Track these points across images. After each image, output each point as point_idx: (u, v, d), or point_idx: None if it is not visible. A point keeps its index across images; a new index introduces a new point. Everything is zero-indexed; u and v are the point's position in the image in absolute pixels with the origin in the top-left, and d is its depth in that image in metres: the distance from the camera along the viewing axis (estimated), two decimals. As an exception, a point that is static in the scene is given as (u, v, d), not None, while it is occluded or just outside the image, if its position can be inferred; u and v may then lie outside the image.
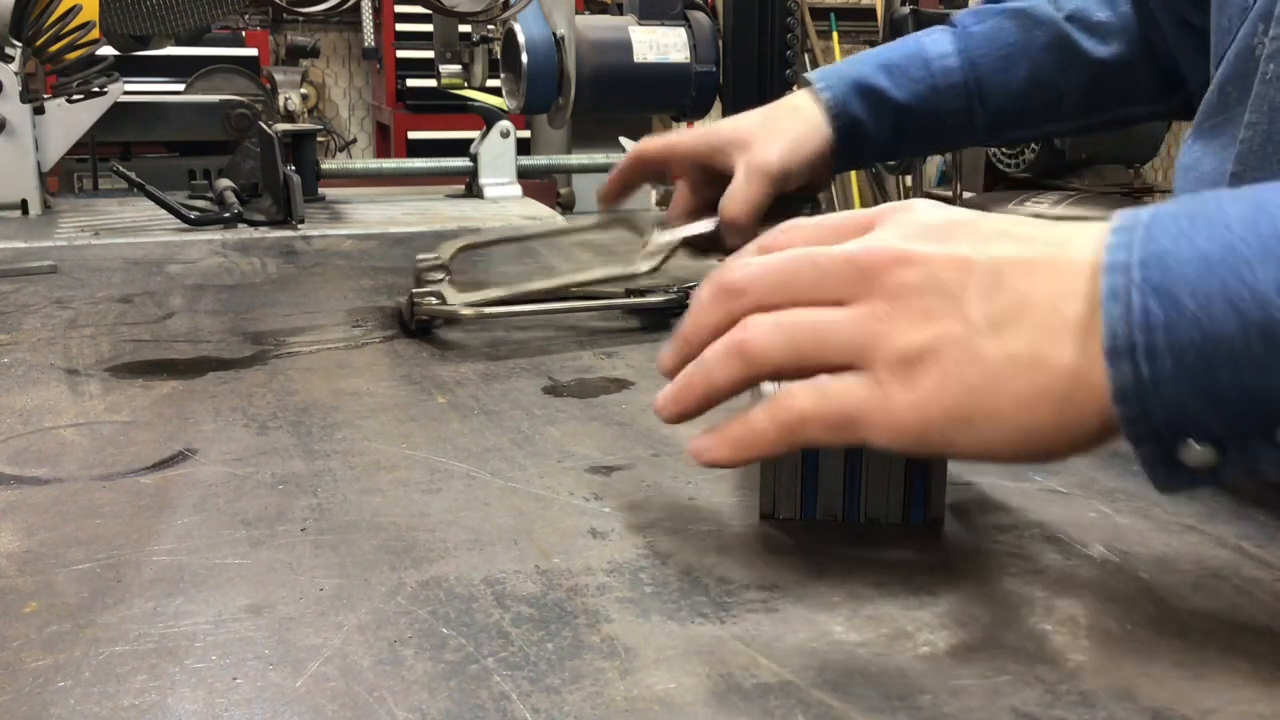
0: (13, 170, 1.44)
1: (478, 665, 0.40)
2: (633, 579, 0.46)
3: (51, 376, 0.76)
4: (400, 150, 4.51)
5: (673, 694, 0.38)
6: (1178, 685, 0.39)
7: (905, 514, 0.51)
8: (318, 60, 5.12)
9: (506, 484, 0.57)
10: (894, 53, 0.89)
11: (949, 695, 0.38)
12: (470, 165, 1.68)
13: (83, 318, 0.92)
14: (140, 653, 0.40)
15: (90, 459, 0.60)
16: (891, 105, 0.87)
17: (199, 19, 1.51)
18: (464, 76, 1.79)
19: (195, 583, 0.46)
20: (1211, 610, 0.44)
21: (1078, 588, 0.46)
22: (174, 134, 1.84)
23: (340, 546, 0.49)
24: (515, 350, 0.83)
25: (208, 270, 1.14)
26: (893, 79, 0.87)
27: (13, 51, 1.45)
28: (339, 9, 1.62)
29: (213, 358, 0.80)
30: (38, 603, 0.44)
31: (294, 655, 0.40)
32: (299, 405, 0.69)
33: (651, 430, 0.65)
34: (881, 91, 0.87)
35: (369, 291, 1.04)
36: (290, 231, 1.37)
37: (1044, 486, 0.56)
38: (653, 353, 0.82)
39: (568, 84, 1.62)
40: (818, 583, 0.46)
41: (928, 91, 0.87)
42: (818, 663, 0.40)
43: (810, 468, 0.51)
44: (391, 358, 0.81)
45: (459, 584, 0.46)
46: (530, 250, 1.26)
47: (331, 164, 1.73)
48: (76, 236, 1.32)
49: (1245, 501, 0.54)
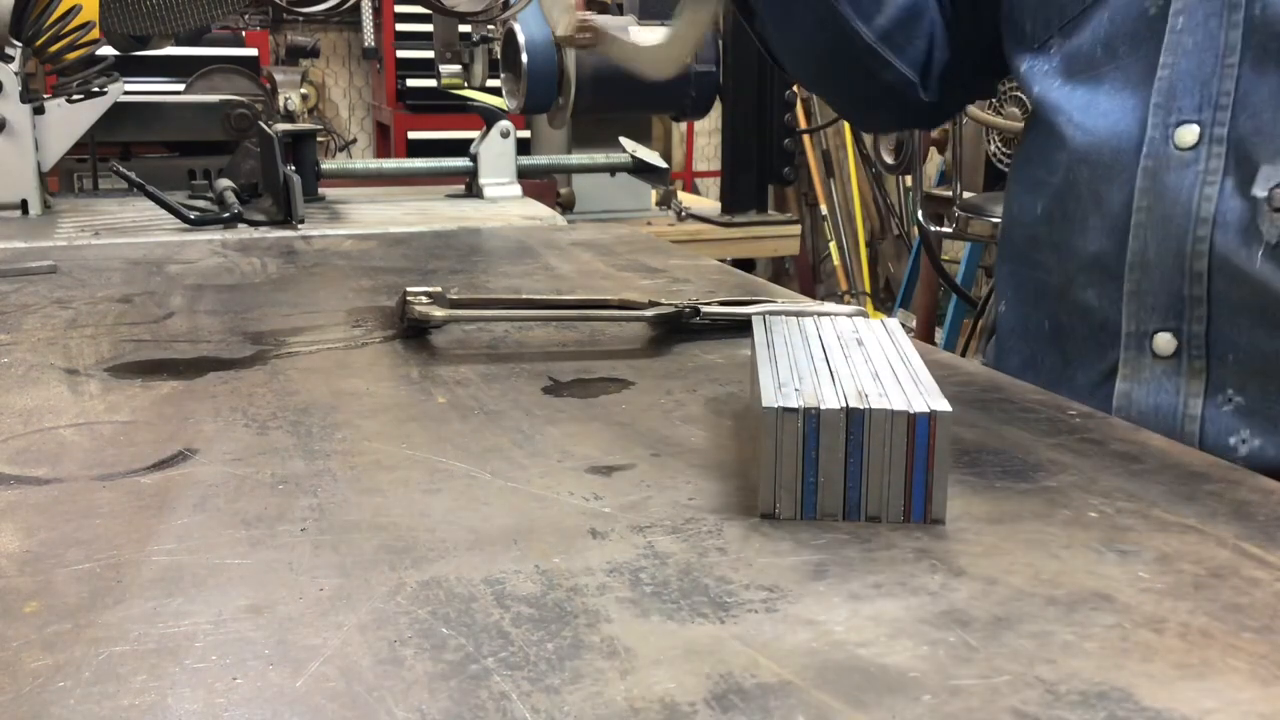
0: (13, 170, 1.44)
1: (478, 665, 0.40)
2: (633, 579, 0.46)
3: (51, 376, 0.76)
4: (400, 150, 4.52)
5: (673, 694, 0.38)
6: (1178, 685, 0.39)
7: (905, 513, 0.51)
8: (318, 60, 5.12)
9: (506, 484, 0.57)
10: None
11: (949, 695, 0.38)
12: (470, 165, 1.68)
13: (83, 318, 0.92)
14: (140, 653, 0.40)
15: (90, 459, 0.60)
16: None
17: (199, 19, 1.51)
18: (464, 76, 1.79)
19: (195, 583, 0.46)
20: (1211, 610, 0.44)
21: (1077, 587, 0.46)
22: (174, 134, 1.84)
23: (340, 546, 0.49)
24: (515, 350, 0.83)
25: (208, 270, 1.14)
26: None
27: (13, 51, 1.45)
28: (339, 9, 1.62)
29: (213, 358, 0.80)
30: (38, 603, 0.44)
31: (294, 655, 0.40)
32: (299, 405, 0.69)
33: (651, 430, 0.65)
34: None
35: (369, 291, 1.04)
36: (290, 231, 1.37)
37: (1044, 485, 0.56)
38: (654, 354, 0.82)
39: (568, 84, 1.62)
40: (818, 583, 0.46)
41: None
42: (818, 663, 0.40)
43: (810, 467, 0.51)
44: (391, 358, 0.81)
45: (459, 584, 0.46)
46: (530, 251, 1.26)
47: (331, 164, 1.73)
48: (76, 236, 1.32)
49: (1245, 501, 0.54)
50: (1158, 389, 0.76)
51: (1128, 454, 0.61)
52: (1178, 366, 0.75)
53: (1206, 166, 0.73)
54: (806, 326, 0.66)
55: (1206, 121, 0.73)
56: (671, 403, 0.70)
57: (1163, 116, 0.75)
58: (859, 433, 0.51)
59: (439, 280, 1.09)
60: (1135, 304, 0.76)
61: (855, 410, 0.51)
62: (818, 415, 0.51)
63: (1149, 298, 0.75)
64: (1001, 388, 0.74)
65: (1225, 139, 0.72)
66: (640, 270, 1.14)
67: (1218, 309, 0.73)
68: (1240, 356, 0.73)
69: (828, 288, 4.64)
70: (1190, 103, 0.74)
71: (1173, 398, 0.75)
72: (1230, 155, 0.72)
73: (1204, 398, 0.74)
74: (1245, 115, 0.71)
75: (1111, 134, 0.78)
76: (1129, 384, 0.78)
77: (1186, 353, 0.75)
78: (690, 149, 5.04)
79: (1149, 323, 0.76)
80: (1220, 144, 0.72)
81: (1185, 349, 0.75)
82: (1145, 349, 0.76)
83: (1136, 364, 0.77)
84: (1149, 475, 0.58)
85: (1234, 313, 0.72)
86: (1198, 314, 0.73)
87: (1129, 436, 0.64)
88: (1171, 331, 0.75)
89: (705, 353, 0.82)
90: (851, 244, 4.38)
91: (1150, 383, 0.77)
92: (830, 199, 4.39)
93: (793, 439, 0.51)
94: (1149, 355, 0.76)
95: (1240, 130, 0.71)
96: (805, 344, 0.62)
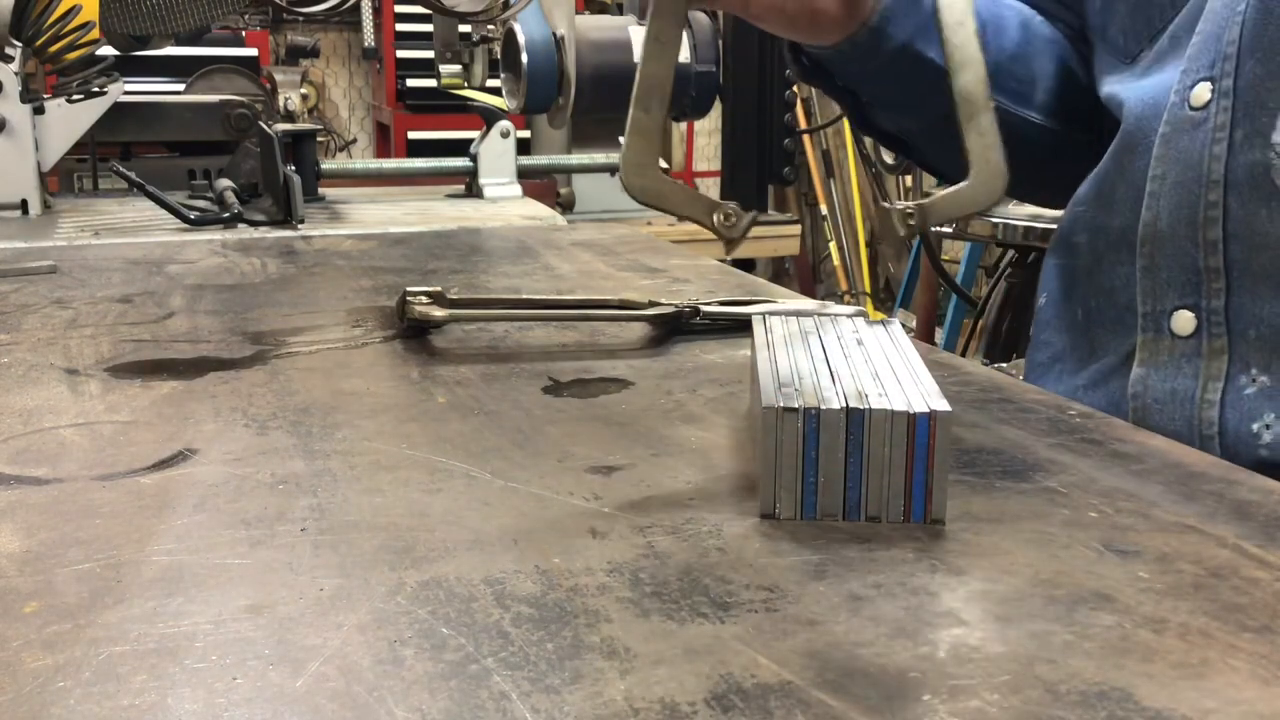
0: (13, 170, 1.44)
1: (478, 665, 0.40)
2: (633, 579, 0.46)
3: (51, 376, 0.76)
4: (400, 150, 4.51)
5: (673, 694, 0.38)
6: (1178, 685, 0.39)
7: (906, 513, 0.51)
8: (318, 60, 5.12)
9: (506, 484, 0.57)
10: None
11: (949, 695, 0.38)
12: (470, 165, 1.68)
13: (83, 318, 0.92)
14: (140, 653, 0.40)
15: (90, 459, 0.60)
16: (924, 14, 0.77)
17: (199, 19, 1.50)
18: (464, 76, 1.79)
19: (195, 583, 0.46)
20: (1211, 610, 0.44)
21: (1077, 587, 0.46)
22: (174, 134, 1.84)
23: (340, 546, 0.49)
24: (515, 350, 0.83)
25: (208, 270, 1.14)
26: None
27: (13, 51, 1.45)
28: (339, 9, 1.62)
29: (213, 358, 0.80)
30: (38, 603, 0.44)
31: (294, 655, 0.40)
32: (299, 405, 0.69)
33: (651, 430, 0.65)
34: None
35: (369, 291, 1.04)
36: (290, 231, 1.37)
37: (1044, 486, 0.56)
38: (654, 354, 0.82)
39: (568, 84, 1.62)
40: (818, 583, 0.46)
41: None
42: (818, 663, 0.40)
43: (810, 467, 0.51)
44: (391, 358, 0.81)
45: (459, 584, 0.46)
46: (530, 251, 1.26)
47: (331, 164, 1.73)
48: (76, 236, 1.32)
49: (1245, 501, 0.54)
50: (1175, 372, 0.72)
51: (1128, 454, 0.61)
52: (1198, 347, 0.70)
53: (1215, 123, 0.69)
54: (806, 326, 0.66)
55: (1217, 76, 0.69)
56: (671, 403, 0.70)
57: (1183, 80, 0.71)
58: (859, 433, 0.51)
59: (439, 280, 1.09)
60: (1149, 280, 0.72)
61: (855, 410, 0.51)
62: (818, 415, 0.51)
63: (1163, 273, 0.71)
64: (1001, 388, 0.74)
65: (1232, 90, 0.68)
66: (640, 270, 1.14)
67: (1237, 280, 0.68)
68: (1264, 331, 0.68)
69: (828, 288, 4.64)
70: (1205, 60, 0.70)
71: (1190, 382, 0.71)
72: (1238, 106, 0.67)
73: (1225, 380, 0.69)
74: (1253, 61, 0.67)
75: (1145, 106, 0.75)
76: (1145, 369, 0.73)
77: (1206, 331, 0.70)
78: (690, 149, 5.04)
79: (1166, 300, 0.72)
80: (1227, 96, 0.68)
81: (1205, 327, 0.70)
82: (1164, 330, 0.72)
83: (1154, 347, 0.73)
84: (1149, 475, 0.58)
85: (1255, 282, 0.68)
86: (1215, 287, 0.69)
87: (1129, 436, 0.64)
88: (1190, 308, 0.70)
89: (705, 353, 0.82)
90: (851, 244, 4.38)
91: (1168, 366, 0.72)
92: (830, 199, 4.39)
93: (793, 439, 0.51)
94: (1168, 336, 0.72)
95: (1246, 78, 0.67)
96: (805, 344, 0.62)
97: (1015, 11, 0.89)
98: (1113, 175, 0.78)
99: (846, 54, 0.80)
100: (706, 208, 0.62)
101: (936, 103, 0.67)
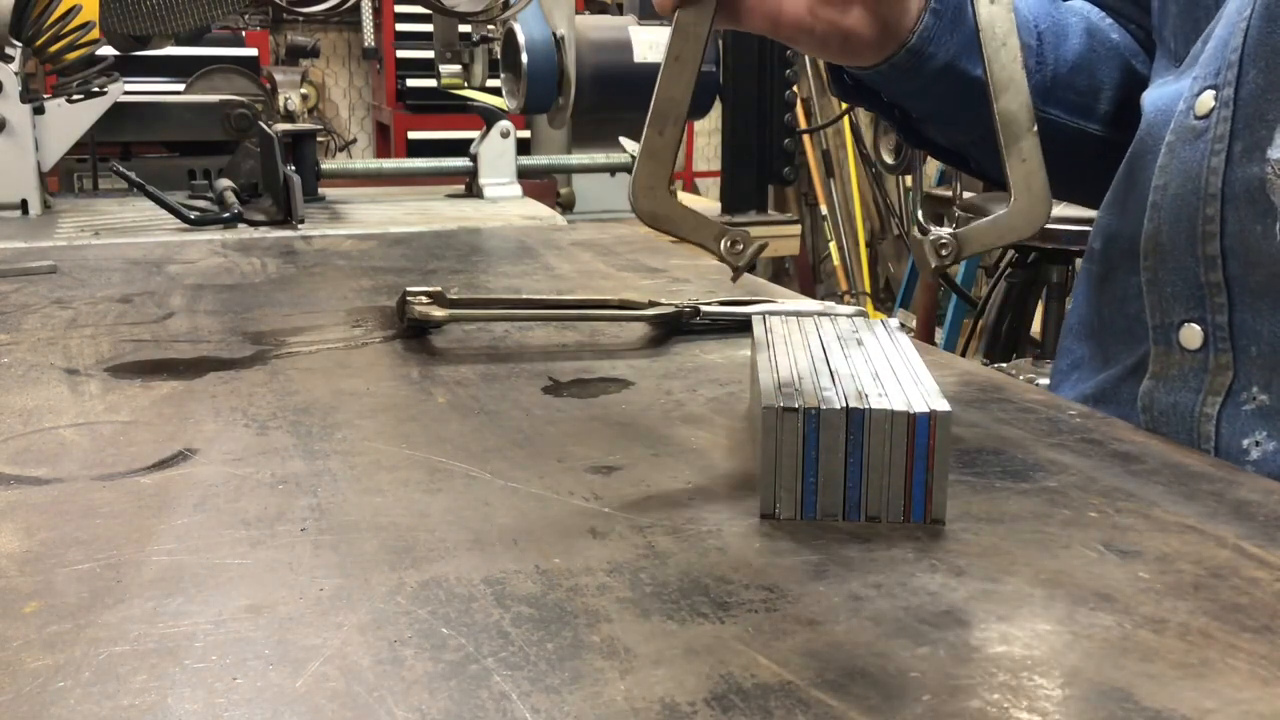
0: (13, 170, 1.44)
1: (478, 665, 0.40)
2: (633, 579, 0.46)
3: (51, 376, 0.76)
4: (400, 150, 4.52)
5: (673, 694, 0.38)
6: (1178, 685, 0.39)
7: (906, 513, 0.51)
8: (318, 60, 5.12)
9: (506, 484, 0.57)
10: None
11: (949, 695, 0.38)
12: (470, 165, 1.68)
13: (83, 318, 0.92)
14: (140, 653, 0.40)
15: (90, 459, 0.60)
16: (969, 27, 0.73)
17: (199, 19, 1.51)
18: (464, 76, 1.79)
19: (195, 583, 0.46)
20: (1211, 610, 0.44)
21: (1077, 588, 0.46)
22: (174, 134, 1.84)
23: (340, 546, 0.49)
24: (515, 350, 0.83)
25: (208, 270, 1.14)
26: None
27: (13, 51, 1.45)
28: (339, 9, 1.62)
29: (213, 358, 0.80)
30: (38, 603, 0.44)
31: (294, 655, 0.40)
32: (299, 405, 0.69)
33: (651, 430, 0.65)
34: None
35: (369, 291, 1.04)
36: (290, 231, 1.37)
37: (1043, 486, 0.56)
38: (654, 354, 0.82)
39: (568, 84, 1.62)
40: (817, 583, 0.46)
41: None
42: (817, 663, 0.40)
43: (810, 467, 0.51)
44: (391, 358, 0.81)
45: (459, 584, 0.46)
46: (530, 251, 1.26)
47: (331, 164, 1.73)
48: (76, 236, 1.32)
49: (1245, 501, 0.54)
50: (1180, 386, 0.71)
51: (1128, 454, 0.61)
52: (1205, 362, 0.69)
53: (1215, 133, 0.67)
54: (806, 326, 0.66)
55: (1220, 84, 0.67)
56: (671, 403, 0.70)
57: (1192, 88, 0.69)
58: (859, 433, 0.51)
59: (439, 280, 1.09)
60: (1155, 293, 0.71)
61: (855, 410, 0.51)
62: (818, 415, 0.51)
63: (1166, 286, 0.70)
64: (1001, 388, 0.74)
65: (1233, 100, 0.66)
66: (640, 270, 1.14)
67: (1238, 295, 0.67)
68: (1264, 349, 0.66)
69: (828, 288, 4.64)
70: (1212, 68, 0.68)
71: (1192, 396, 0.70)
72: (1238, 118, 0.66)
73: (1226, 396, 0.68)
74: (1255, 70, 0.65)
75: (1158, 113, 0.73)
76: (1154, 381, 0.73)
77: (1213, 346, 0.69)
78: (690, 149, 5.04)
79: (1173, 314, 0.71)
80: (1228, 106, 0.66)
81: (1211, 341, 0.69)
82: (1173, 343, 0.71)
83: (1165, 360, 0.72)
84: (1149, 475, 0.58)
85: (1254, 298, 0.66)
86: (1219, 302, 0.67)
87: (1129, 436, 0.64)
88: (1197, 322, 0.69)
89: (705, 353, 0.82)
90: (851, 244, 4.38)
91: (1175, 379, 0.71)
92: (830, 199, 4.39)
93: (793, 439, 0.51)
94: (1177, 350, 0.71)
95: (1248, 87, 0.65)
96: (805, 344, 0.62)
97: (1080, 16, 0.86)
98: (1124, 182, 0.77)
99: (886, 75, 0.77)
100: (714, 234, 0.62)
101: (989, 115, 0.64)
